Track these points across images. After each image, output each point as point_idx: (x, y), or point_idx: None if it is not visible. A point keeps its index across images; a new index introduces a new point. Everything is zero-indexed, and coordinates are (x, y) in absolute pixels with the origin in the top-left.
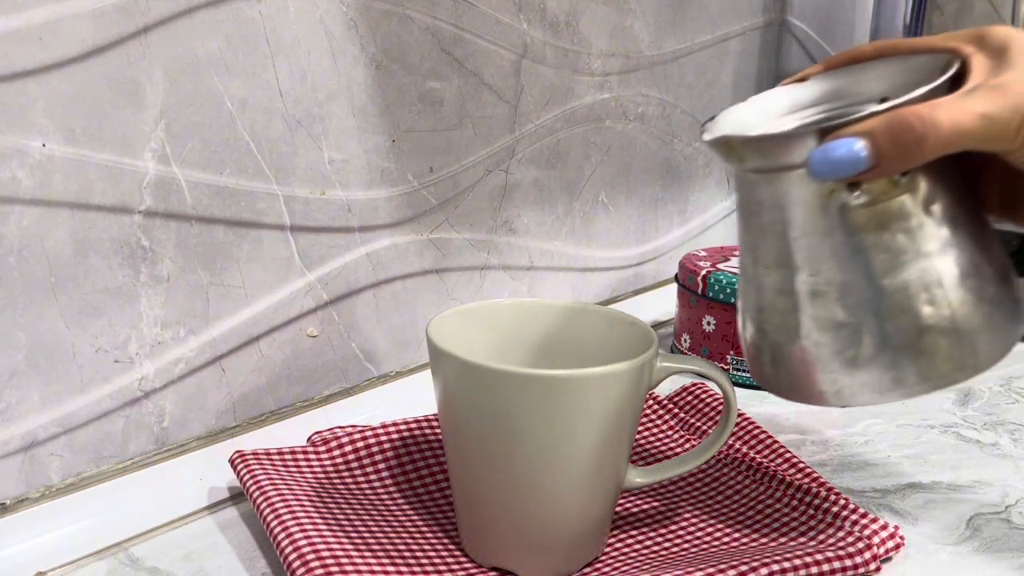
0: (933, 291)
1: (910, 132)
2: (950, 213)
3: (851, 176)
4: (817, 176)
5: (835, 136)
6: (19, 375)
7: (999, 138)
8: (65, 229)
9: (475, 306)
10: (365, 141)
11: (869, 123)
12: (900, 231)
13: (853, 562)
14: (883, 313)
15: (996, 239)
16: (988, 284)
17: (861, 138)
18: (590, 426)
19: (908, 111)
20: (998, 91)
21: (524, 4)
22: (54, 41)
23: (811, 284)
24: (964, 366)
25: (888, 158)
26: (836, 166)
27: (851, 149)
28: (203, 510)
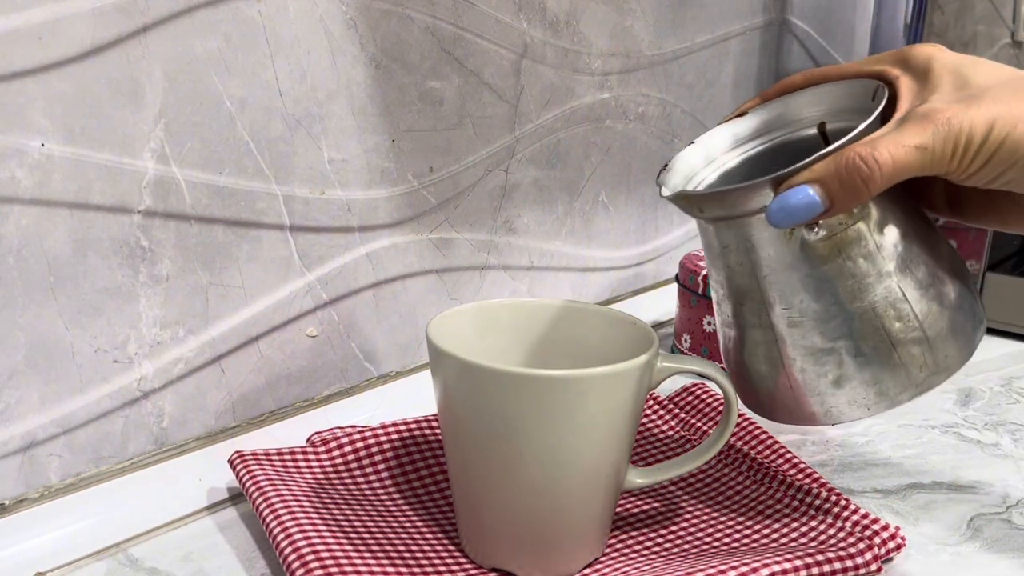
0: (899, 307)
1: (858, 174)
2: (902, 230)
3: (809, 221)
4: (777, 225)
5: (788, 185)
6: (18, 375)
7: (936, 165)
8: (64, 229)
9: (475, 306)
10: (365, 141)
11: (818, 169)
12: (860, 256)
13: (854, 562)
14: (857, 334)
15: (944, 240)
16: (948, 289)
17: (813, 185)
18: (590, 426)
19: (852, 153)
20: (928, 121)
21: (524, 4)
22: (53, 41)
23: (786, 316)
24: (939, 369)
25: (840, 200)
26: (794, 214)
27: (806, 196)
28: (202, 510)
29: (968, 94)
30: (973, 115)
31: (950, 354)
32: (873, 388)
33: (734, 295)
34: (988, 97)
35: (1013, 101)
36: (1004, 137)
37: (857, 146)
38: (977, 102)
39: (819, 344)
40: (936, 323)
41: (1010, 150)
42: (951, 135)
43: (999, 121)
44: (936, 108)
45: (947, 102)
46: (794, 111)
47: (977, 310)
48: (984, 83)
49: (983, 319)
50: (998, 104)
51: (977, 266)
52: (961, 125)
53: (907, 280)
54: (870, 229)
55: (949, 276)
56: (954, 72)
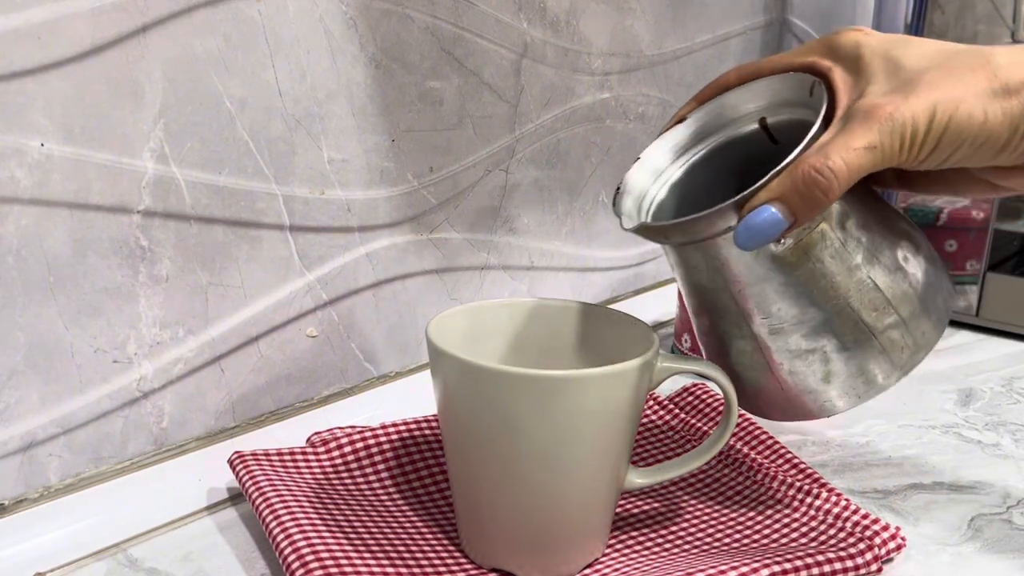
0: (873, 296)
1: (816, 186)
2: (863, 220)
3: (775, 238)
4: (747, 248)
5: (751, 207)
6: (18, 375)
7: (888, 161)
8: (64, 229)
9: (475, 306)
10: (365, 141)
11: (776, 187)
12: (828, 256)
13: (854, 563)
14: (838, 331)
15: (897, 214)
16: (913, 266)
17: (775, 203)
18: (590, 426)
19: (806, 166)
20: (871, 119)
21: (524, 3)
22: (53, 40)
23: (767, 325)
24: (920, 347)
25: (803, 213)
26: (761, 234)
27: (770, 216)
28: (202, 511)
29: (903, 81)
30: (913, 105)
31: (926, 331)
32: (860, 378)
33: (710, 310)
34: (923, 82)
35: (948, 83)
36: (947, 121)
37: (810, 158)
38: (914, 90)
39: (803, 346)
40: (909, 304)
41: (955, 132)
42: (896, 129)
43: (939, 106)
44: (876, 103)
45: (884, 93)
46: (732, 109)
47: (943, 279)
48: (916, 66)
49: (951, 286)
50: (934, 89)
51: (977, 266)
52: (904, 118)
53: (876, 269)
54: (833, 228)
55: (912, 254)
56: (884, 57)
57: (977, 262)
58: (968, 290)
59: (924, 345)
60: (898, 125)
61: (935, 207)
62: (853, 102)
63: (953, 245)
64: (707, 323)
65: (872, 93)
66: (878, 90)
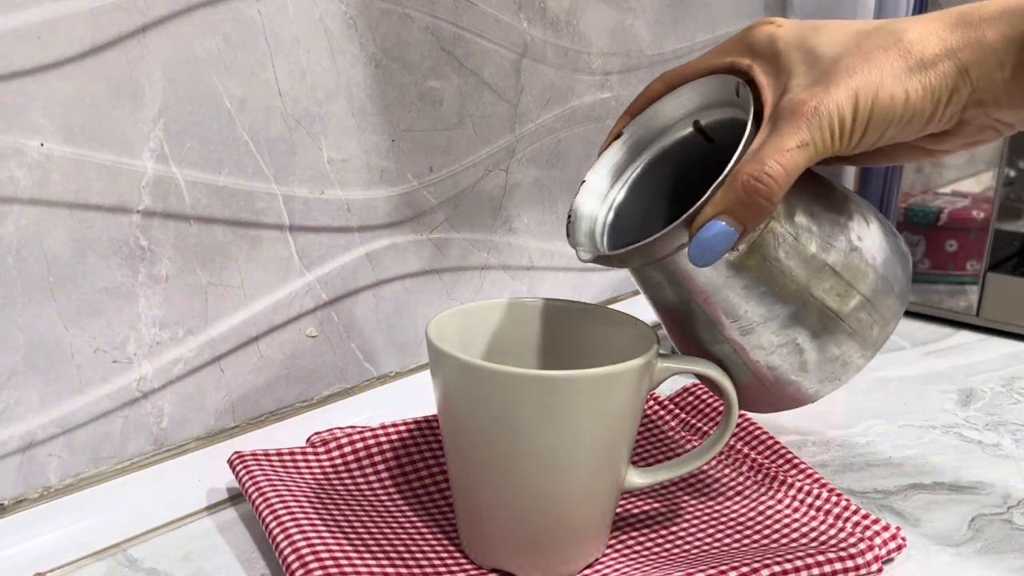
0: (834, 282)
1: (757, 194)
2: (810, 209)
3: (728, 249)
4: (702, 265)
5: (698, 225)
6: (17, 375)
7: (822, 153)
8: (63, 229)
9: (475, 306)
10: (364, 140)
11: (720, 201)
12: (783, 252)
13: (855, 563)
14: (807, 321)
15: (840, 191)
16: (868, 243)
17: (721, 216)
18: (590, 426)
19: (744, 176)
20: (798, 116)
21: (524, 3)
22: (53, 40)
23: (737, 328)
24: (888, 320)
25: (750, 220)
26: (713, 249)
27: (719, 230)
28: (202, 511)
29: (822, 71)
30: (835, 96)
31: (891, 304)
32: (836, 362)
33: (681, 322)
34: (841, 70)
35: (864, 67)
36: (871, 106)
37: (746, 167)
38: (834, 80)
39: (775, 341)
40: (870, 283)
41: (880, 116)
42: (823, 123)
43: (860, 93)
44: (800, 100)
45: (806, 87)
46: (664, 117)
47: (898, 247)
48: (831, 53)
49: (907, 253)
50: (852, 76)
51: (977, 266)
52: (828, 110)
53: (831, 254)
54: (782, 224)
55: (864, 230)
56: (800, 48)
57: (977, 262)
58: (968, 290)
59: (892, 318)
60: (824, 118)
61: (935, 207)
62: (778, 99)
63: (953, 245)
64: (681, 333)
65: (794, 88)
66: (799, 84)
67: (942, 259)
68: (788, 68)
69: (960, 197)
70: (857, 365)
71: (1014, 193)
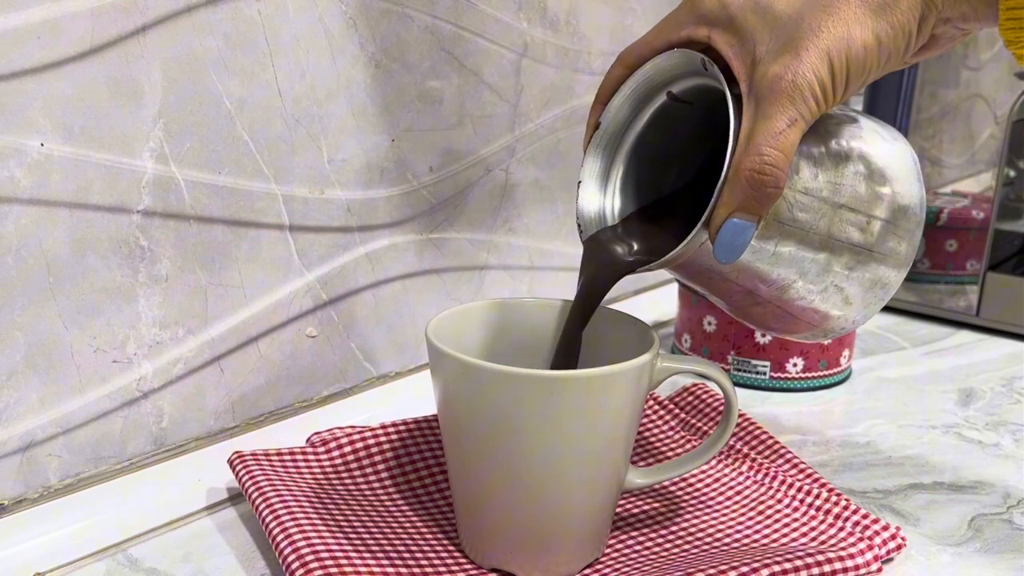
0: (853, 219)
1: (764, 185)
2: (811, 158)
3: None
4: (731, 262)
5: (715, 228)
6: (17, 375)
7: (812, 120)
8: (63, 229)
9: (475, 306)
10: (364, 140)
11: (729, 199)
12: (797, 213)
13: (854, 563)
14: (839, 263)
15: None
16: (880, 168)
17: (736, 215)
18: (590, 426)
19: (748, 170)
20: (779, 93)
21: (524, 3)
22: (53, 40)
23: (775, 288)
24: (913, 232)
25: (765, 208)
26: (736, 246)
27: (738, 226)
28: (202, 511)
29: (787, 35)
30: (808, 62)
31: (911, 214)
32: (877, 286)
33: (721, 296)
34: (806, 32)
35: (829, 22)
36: (846, 61)
37: (745, 161)
38: (803, 43)
39: (815, 289)
40: (887, 203)
41: (858, 67)
42: (806, 94)
43: (832, 51)
44: (775, 73)
45: (776, 55)
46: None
47: (901, 150)
48: (790, 11)
49: (913, 157)
50: (819, 35)
51: (977, 266)
52: (806, 79)
53: (843, 194)
54: (792, 187)
55: (866, 149)
56: (755, 10)
57: (977, 262)
58: (968, 290)
59: (915, 227)
60: (805, 89)
61: (935, 207)
62: (750, 70)
63: (953, 245)
64: (722, 302)
65: (764, 58)
66: (767, 51)
67: (942, 259)
68: (749, 34)
69: (960, 197)
70: (896, 282)
71: (1014, 193)
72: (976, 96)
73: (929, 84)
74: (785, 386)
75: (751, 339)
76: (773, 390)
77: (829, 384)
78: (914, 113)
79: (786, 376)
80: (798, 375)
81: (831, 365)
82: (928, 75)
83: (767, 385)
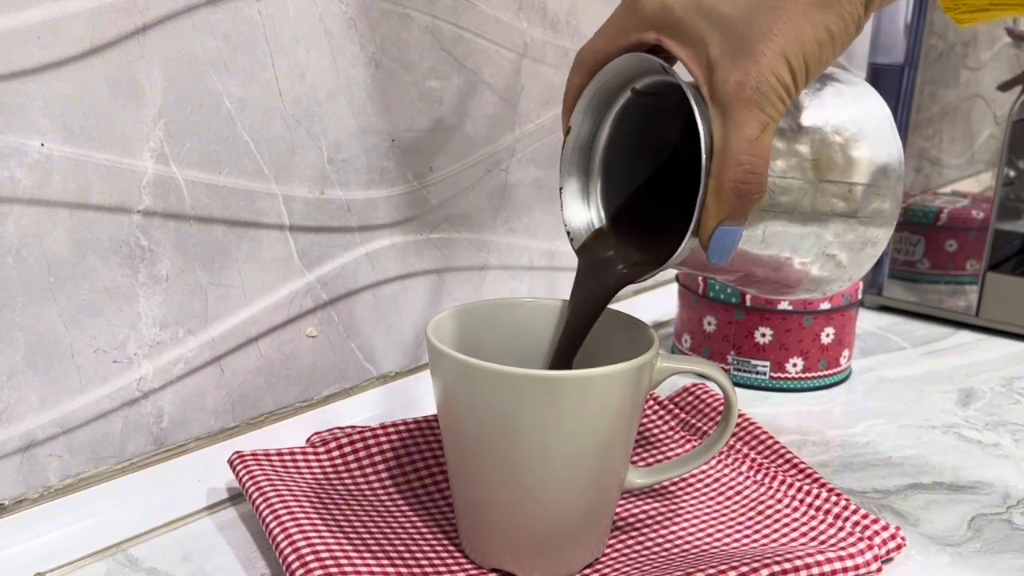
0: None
1: (749, 193)
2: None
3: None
4: (725, 263)
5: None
6: (17, 375)
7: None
8: (64, 229)
9: (475, 306)
10: (364, 140)
11: (715, 209)
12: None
13: (854, 563)
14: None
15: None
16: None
17: (726, 221)
18: (590, 426)
19: (731, 181)
20: (744, 101)
21: (524, 3)
22: (53, 40)
23: (769, 268)
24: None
25: (750, 211)
26: (728, 249)
27: (726, 233)
28: (202, 511)
29: (738, 38)
30: (766, 65)
31: (890, 170)
32: (867, 246)
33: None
34: (759, 35)
35: (780, 24)
36: (803, 59)
37: (726, 172)
38: (757, 47)
39: (808, 260)
40: (865, 166)
41: (815, 62)
42: (771, 96)
43: (788, 52)
44: (737, 80)
45: (731, 59)
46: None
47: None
48: (736, 12)
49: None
50: (772, 38)
51: (977, 266)
52: (768, 82)
53: (821, 168)
54: (770, 174)
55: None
56: (699, 11)
57: (977, 262)
58: (968, 290)
59: (896, 181)
60: (768, 92)
61: (935, 207)
62: (709, 75)
63: (953, 245)
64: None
65: (721, 63)
66: (721, 54)
67: (942, 259)
68: (700, 36)
69: (960, 197)
70: (886, 238)
71: (1014, 193)
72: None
73: (929, 84)
74: (785, 386)
75: (751, 339)
76: (773, 390)
77: (829, 384)
78: (914, 113)
79: (786, 376)
80: (798, 375)
81: (831, 365)
82: (928, 75)
83: (767, 385)
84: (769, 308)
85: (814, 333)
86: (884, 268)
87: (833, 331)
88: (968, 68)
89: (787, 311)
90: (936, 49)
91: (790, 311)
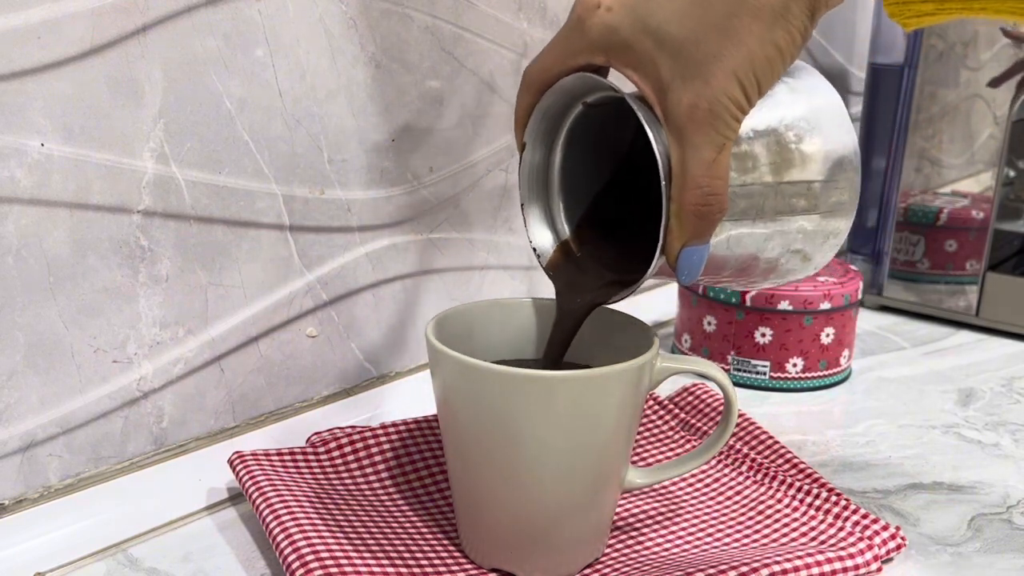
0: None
1: (710, 214)
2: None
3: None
4: (693, 281)
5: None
6: (17, 375)
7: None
8: (64, 229)
9: (474, 305)
10: (365, 140)
11: (679, 232)
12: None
13: (854, 563)
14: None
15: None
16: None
17: (691, 243)
18: (590, 426)
19: (692, 205)
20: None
21: (524, 3)
22: (53, 40)
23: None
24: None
25: (713, 230)
26: (695, 268)
27: (693, 254)
28: (202, 511)
29: (687, 59)
30: (718, 86)
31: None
32: (830, 237)
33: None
34: (708, 57)
35: (729, 46)
36: (753, 77)
37: (686, 196)
38: (708, 69)
39: (774, 257)
40: (819, 162)
41: (766, 77)
42: (725, 116)
43: (739, 72)
44: (690, 103)
45: (683, 81)
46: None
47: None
48: (684, 33)
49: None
50: (722, 60)
51: (977, 266)
52: (721, 103)
53: (780, 171)
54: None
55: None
56: (644, 31)
57: (977, 262)
58: (968, 290)
59: (853, 171)
60: (722, 113)
61: (935, 207)
62: (662, 97)
63: (953, 245)
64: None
65: (673, 84)
66: (672, 76)
67: (942, 259)
68: (649, 58)
69: (960, 197)
70: (847, 227)
71: (1014, 193)
72: (976, 96)
73: (929, 84)
74: (785, 386)
75: (751, 339)
76: (773, 390)
77: (829, 384)
78: (914, 113)
79: (786, 376)
80: (798, 375)
81: (831, 365)
82: (928, 75)
83: (767, 385)
84: (769, 308)
85: (814, 333)
86: (884, 268)
87: (833, 331)
88: (968, 68)
89: (787, 311)
90: (936, 49)
91: (790, 311)
